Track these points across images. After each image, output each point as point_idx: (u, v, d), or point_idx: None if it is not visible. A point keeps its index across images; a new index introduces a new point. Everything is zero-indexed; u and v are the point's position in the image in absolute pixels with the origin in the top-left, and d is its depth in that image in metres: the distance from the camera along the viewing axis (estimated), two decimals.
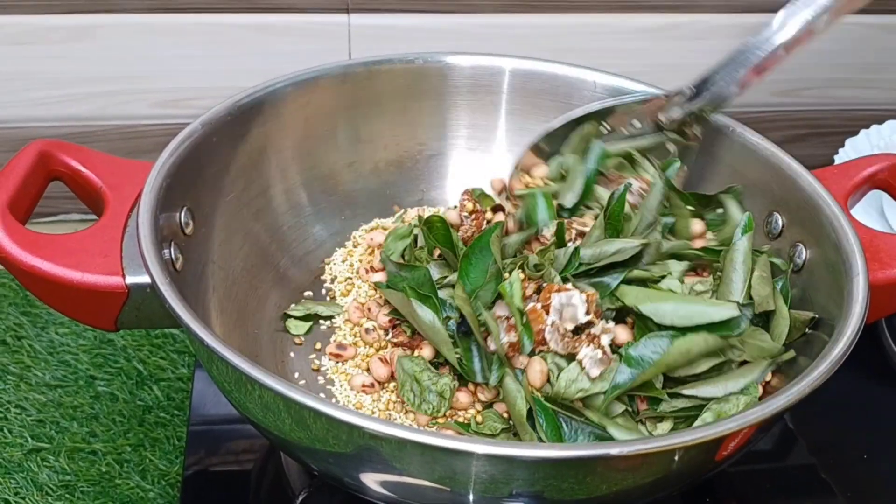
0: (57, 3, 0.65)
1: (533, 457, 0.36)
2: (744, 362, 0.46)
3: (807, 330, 0.47)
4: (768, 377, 0.47)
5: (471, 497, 0.39)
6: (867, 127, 0.71)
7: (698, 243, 0.53)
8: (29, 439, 0.56)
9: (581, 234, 0.51)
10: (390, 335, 0.51)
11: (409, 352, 0.50)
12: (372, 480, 0.41)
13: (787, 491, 0.53)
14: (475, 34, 0.69)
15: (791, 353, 0.46)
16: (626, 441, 0.37)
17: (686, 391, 0.45)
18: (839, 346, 0.41)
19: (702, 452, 0.39)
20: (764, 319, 0.48)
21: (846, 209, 0.50)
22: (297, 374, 0.51)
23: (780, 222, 0.52)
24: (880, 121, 0.72)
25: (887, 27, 0.75)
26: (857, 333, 0.42)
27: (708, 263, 0.51)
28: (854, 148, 0.70)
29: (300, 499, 0.50)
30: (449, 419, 0.48)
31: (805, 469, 0.54)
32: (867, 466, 0.55)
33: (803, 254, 0.50)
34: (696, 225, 0.53)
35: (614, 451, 0.36)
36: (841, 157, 0.70)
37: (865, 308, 0.43)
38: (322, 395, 0.50)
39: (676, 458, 0.38)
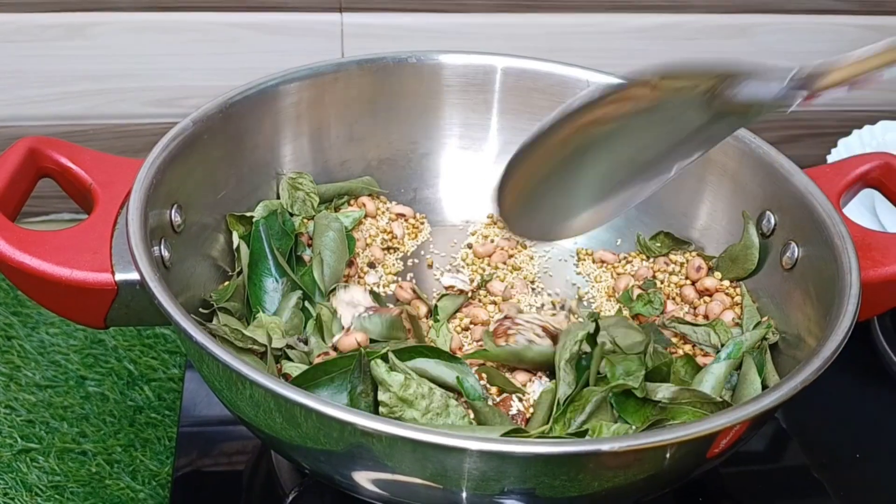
0: (51, 1, 0.64)
1: (524, 453, 0.36)
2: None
3: None
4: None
5: (463, 494, 0.39)
6: (860, 127, 0.72)
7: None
8: (18, 440, 0.55)
9: None
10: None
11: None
12: (364, 478, 0.41)
13: (780, 491, 0.53)
14: (468, 33, 0.69)
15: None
16: (617, 437, 0.37)
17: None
18: (831, 344, 0.41)
19: (693, 449, 0.39)
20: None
21: (839, 207, 0.50)
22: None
23: (772, 221, 0.53)
24: (873, 121, 0.72)
25: (880, 28, 0.75)
26: (849, 331, 0.42)
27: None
28: (847, 148, 0.70)
29: (290, 498, 0.50)
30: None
31: (798, 469, 0.54)
32: (860, 466, 0.55)
33: (795, 252, 0.51)
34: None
35: (605, 447, 0.36)
36: (833, 158, 0.70)
37: (858, 305, 0.44)
38: None
39: (668, 454, 0.38)
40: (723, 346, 0.50)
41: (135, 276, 0.42)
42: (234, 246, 0.53)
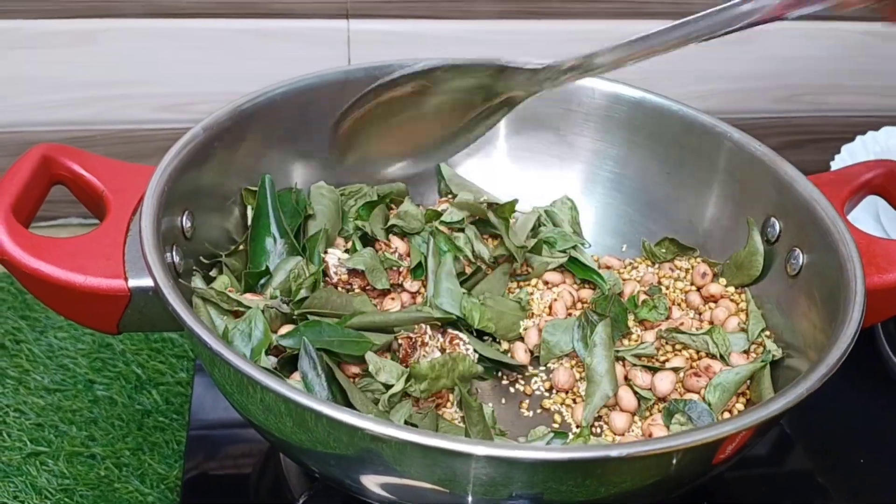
0: (59, 8, 0.65)
1: (532, 458, 0.36)
2: None
3: None
4: None
5: (470, 499, 0.39)
6: (863, 133, 0.72)
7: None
8: (28, 443, 0.56)
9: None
10: None
11: None
12: (372, 482, 0.41)
13: (784, 496, 0.53)
14: (473, 40, 0.70)
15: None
16: (625, 444, 0.38)
17: None
18: (836, 351, 0.42)
19: (700, 455, 0.40)
20: None
21: (843, 214, 0.50)
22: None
23: (777, 227, 0.53)
24: (876, 127, 0.72)
25: (883, 34, 0.75)
26: (854, 337, 0.43)
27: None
28: (850, 154, 0.70)
29: (300, 502, 0.50)
30: None
31: (802, 474, 0.55)
32: (864, 471, 0.55)
33: (800, 259, 0.51)
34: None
35: (614, 452, 0.36)
36: (837, 164, 0.70)
37: (863, 312, 0.44)
38: None
39: (674, 460, 0.38)
40: (722, 356, 0.51)
41: (148, 282, 0.42)
42: (249, 221, 0.53)
